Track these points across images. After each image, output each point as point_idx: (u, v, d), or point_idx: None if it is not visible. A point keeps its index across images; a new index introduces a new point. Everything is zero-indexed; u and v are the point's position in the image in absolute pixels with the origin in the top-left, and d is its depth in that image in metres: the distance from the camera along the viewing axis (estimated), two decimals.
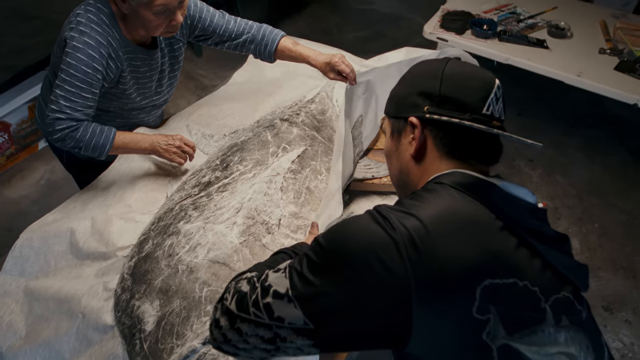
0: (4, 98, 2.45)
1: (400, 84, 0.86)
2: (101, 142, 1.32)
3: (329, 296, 0.64)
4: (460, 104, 0.76)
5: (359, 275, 0.63)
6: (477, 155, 0.78)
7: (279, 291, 0.67)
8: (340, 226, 0.68)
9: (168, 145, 1.40)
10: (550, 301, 0.68)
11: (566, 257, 0.75)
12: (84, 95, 1.28)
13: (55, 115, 1.27)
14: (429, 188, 0.74)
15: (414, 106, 0.79)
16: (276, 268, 0.72)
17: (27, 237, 1.31)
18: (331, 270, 0.65)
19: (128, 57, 1.35)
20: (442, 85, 0.77)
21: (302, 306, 0.65)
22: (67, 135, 1.28)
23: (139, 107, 1.52)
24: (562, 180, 2.71)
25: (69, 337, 1.13)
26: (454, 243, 0.64)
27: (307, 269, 0.67)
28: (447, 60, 0.81)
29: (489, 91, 0.77)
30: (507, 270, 0.66)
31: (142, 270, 1.12)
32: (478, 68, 0.81)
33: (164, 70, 1.49)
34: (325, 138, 1.53)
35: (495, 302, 0.64)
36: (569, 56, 2.24)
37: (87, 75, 1.26)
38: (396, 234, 0.63)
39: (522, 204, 0.74)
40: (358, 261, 0.63)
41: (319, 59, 1.48)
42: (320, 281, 0.65)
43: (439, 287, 0.62)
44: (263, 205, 1.23)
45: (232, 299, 0.72)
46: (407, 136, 0.81)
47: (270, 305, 0.67)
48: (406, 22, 3.96)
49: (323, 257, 0.66)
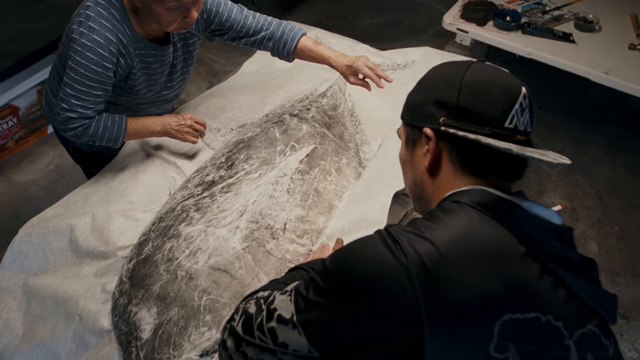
0: (13, 81, 2.42)
1: (417, 89, 0.79)
2: (114, 133, 1.32)
3: (334, 324, 0.60)
4: (480, 117, 0.68)
5: (366, 304, 0.58)
6: (497, 172, 0.71)
7: (284, 316, 0.64)
8: (348, 249, 0.63)
9: (180, 126, 1.39)
10: (574, 337, 0.62)
11: (593, 285, 0.68)
12: (95, 93, 1.26)
13: (68, 115, 1.26)
14: (446, 207, 0.67)
15: (429, 116, 0.72)
16: (283, 290, 0.68)
17: (26, 232, 1.28)
18: (338, 297, 0.61)
19: (139, 53, 1.30)
20: (460, 95, 0.69)
21: (306, 333, 0.62)
22: (82, 132, 1.29)
23: (148, 101, 1.47)
24: (582, 179, 2.61)
25: (66, 339, 1.10)
26: (471, 271, 0.59)
27: (312, 293, 0.63)
28: (468, 65, 0.73)
29: (513, 102, 0.69)
30: (530, 303, 0.60)
31: (141, 274, 1.08)
32: (503, 74, 0.73)
33: (175, 65, 1.43)
34: (336, 136, 1.46)
35: (515, 339, 0.58)
36: (596, 52, 2.12)
37: (98, 74, 1.23)
38: (407, 260, 0.58)
39: (547, 226, 0.68)
40: (365, 288, 0.59)
41: (340, 61, 1.40)
42: (325, 307, 0.61)
43: (453, 319, 0.57)
44: (268, 208, 1.18)
45: (240, 320, 0.70)
46: (421, 147, 0.75)
47: (275, 329, 0.64)
48: (425, 9, 3.83)
49: (329, 282, 0.62)
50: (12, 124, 2.56)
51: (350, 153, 1.45)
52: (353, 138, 1.53)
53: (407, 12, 3.80)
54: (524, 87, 0.71)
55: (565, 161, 0.66)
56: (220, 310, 1.01)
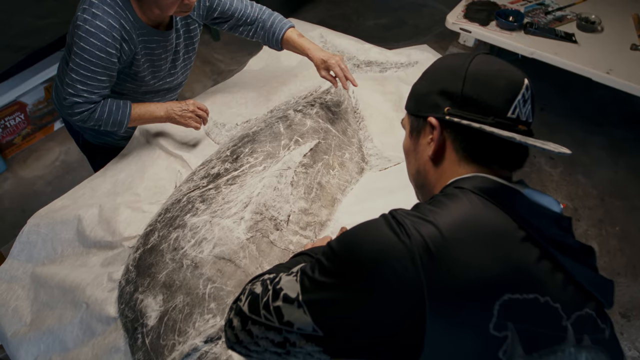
0: (21, 78, 2.45)
1: (421, 80, 0.81)
2: (119, 118, 1.36)
3: (339, 303, 0.62)
4: (483, 106, 0.70)
5: (370, 283, 0.60)
6: (500, 160, 0.73)
7: (289, 295, 0.65)
8: (354, 231, 0.65)
9: (183, 111, 1.42)
10: (572, 319, 0.64)
11: (590, 271, 0.70)
12: (100, 79, 1.30)
13: (74, 100, 1.30)
14: (448, 193, 0.69)
15: (433, 106, 0.74)
16: (289, 271, 0.70)
17: (35, 222, 1.30)
18: (342, 277, 0.62)
19: (142, 39, 1.34)
20: (465, 85, 0.71)
21: (311, 312, 0.63)
22: (87, 117, 1.33)
23: (153, 89, 1.50)
24: (583, 180, 2.62)
25: (73, 327, 1.12)
26: (473, 253, 0.60)
27: (318, 273, 0.64)
28: (473, 56, 0.75)
29: (516, 93, 0.71)
30: (529, 285, 0.62)
31: (147, 263, 1.10)
32: (507, 65, 0.75)
33: (178, 51, 1.47)
34: (339, 131, 1.48)
35: (514, 318, 0.60)
36: (598, 52, 2.13)
37: (102, 59, 1.27)
38: (410, 242, 0.60)
39: (547, 213, 0.70)
40: (369, 269, 0.60)
41: (317, 54, 1.49)
42: (330, 287, 0.63)
43: (454, 299, 0.58)
44: (272, 200, 1.20)
45: (246, 300, 0.71)
46: (425, 136, 0.76)
47: (280, 308, 0.66)
48: (428, 10, 3.85)
49: (334, 263, 0.64)
50: (19, 120, 2.59)
51: (353, 148, 1.47)
52: (356, 134, 1.55)
53: (411, 13, 3.82)
54: (527, 79, 0.73)
55: (565, 150, 0.68)
56: (225, 298, 1.03)
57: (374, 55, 1.89)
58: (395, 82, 1.77)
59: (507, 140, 0.69)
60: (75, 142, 1.71)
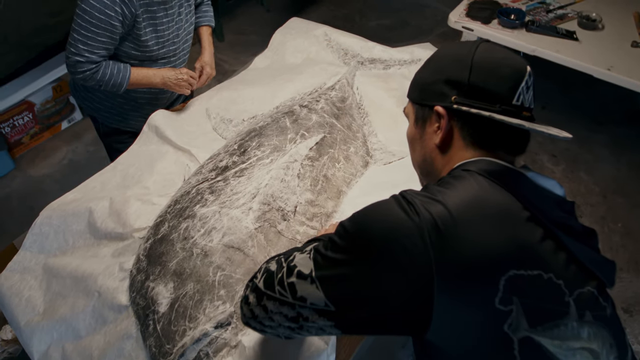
0: (29, 78, 2.49)
1: (425, 69, 0.82)
2: (119, 80, 1.49)
3: (350, 279, 0.64)
4: (490, 94, 0.73)
5: (380, 259, 0.62)
6: (504, 145, 0.75)
7: (303, 272, 0.68)
8: (365, 211, 0.68)
9: (178, 80, 1.59)
10: (574, 295, 0.66)
11: (592, 251, 0.72)
12: (100, 39, 1.40)
13: (75, 59, 1.42)
14: (456, 175, 0.72)
15: (440, 95, 0.76)
16: (303, 249, 0.72)
17: (47, 215, 1.33)
18: (353, 253, 0.65)
19: (144, 2, 1.42)
20: (472, 74, 0.73)
21: (323, 287, 0.65)
22: (89, 76, 1.45)
23: (158, 57, 1.57)
24: (585, 177, 2.64)
25: (85, 315, 1.14)
26: (480, 231, 0.63)
27: (330, 251, 0.67)
28: (477, 45, 0.77)
29: (520, 80, 0.74)
30: (533, 262, 0.64)
31: (158, 252, 1.13)
32: (509, 54, 0.77)
33: (180, 13, 1.56)
34: (344, 126, 1.51)
35: (519, 293, 0.62)
36: (599, 49, 2.16)
37: (101, 21, 1.37)
38: (420, 220, 0.62)
39: (550, 196, 0.72)
40: (380, 245, 0.63)
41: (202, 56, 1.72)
42: (342, 263, 0.65)
43: (461, 275, 0.61)
44: (279, 191, 1.22)
45: (262, 277, 0.74)
46: (432, 124, 0.78)
47: (294, 284, 0.68)
48: (431, 10, 3.88)
49: (346, 240, 0.66)
50: (27, 119, 2.63)
51: (358, 143, 1.50)
52: (361, 129, 1.58)
53: (413, 13, 3.85)
54: (528, 66, 0.75)
55: (567, 135, 0.71)
56: (234, 285, 1.05)
57: (377, 53, 1.92)
58: (398, 78, 1.80)
59: (512, 127, 0.72)
60: (96, 131, 1.85)
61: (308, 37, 2.00)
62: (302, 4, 3.93)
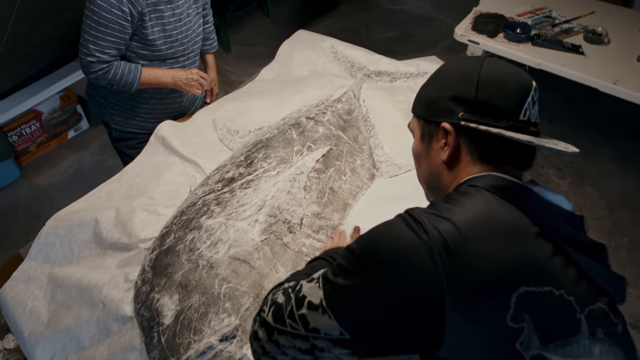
0: (37, 87, 2.51)
1: (430, 85, 0.82)
2: (130, 80, 1.53)
3: (363, 304, 0.63)
4: (497, 110, 0.72)
5: (391, 280, 0.62)
6: (511, 161, 0.75)
7: (313, 302, 0.66)
8: (372, 232, 0.67)
9: (188, 80, 1.61)
10: (585, 312, 0.65)
11: (602, 267, 0.72)
12: (110, 39, 1.44)
13: (88, 59, 1.46)
14: (463, 191, 0.71)
15: (447, 111, 0.75)
16: (310, 278, 0.71)
17: (53, 224, 1.33)
18: (363, 277, 0.64)
19: (150, 2, 1.44)
20: (479, 90, 0.73)
21: (336, 316, 0.64)
22: (101, 76, 1.50)
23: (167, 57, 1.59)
24: (591, 191, 2.62)
25: (89, 326, 1.14)
26: (489, 248, 0.62)
27: (340, 277, 0.66)
28: (482, 60, 0.77)
29: (526, 95, 0.73)
30: (543, 278, 0.64)
31: (163, 263, 1.12)
32: (515, 69, 0.77)
33: (189, 14, 1.58)
34: (350, 138, 1.51)
35: (530, 310, 0.61)
36: (605, 63, 2.16)
37: (109, 20, 1.40)
38: (429, 239, 0.61)
39: (558, 211, 0.72)
40: (390, 267, 0.62)
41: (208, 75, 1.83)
42: (353, 289, 0.64)
43: (472, 293, 0.60)
44: (286, 203, 1.22)
45: (269, 310, 0.72)
46: (438, 141, 0.78)
47: (306, 316, 0.66)
48: (437, 23, 3.90)
49: (355, 263, 0.65)
50: (34, 128, 2.64)
51: (364, 155, 1.50)
52: (367, 141, 1.58)
53: (418, 26, 3.88)
54: (534, 81, 0.75)
55: (574, 149, 0.71)
56: (239, 298, 1.05)
57: (383, 66, 1.93)
58: (404, 91, 1.80)
59: (518, 142, 0.71)
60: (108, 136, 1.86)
61: (315, 50, 2.01)
62: (308, 16, 3.96)
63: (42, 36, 1.82)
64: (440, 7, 4.09)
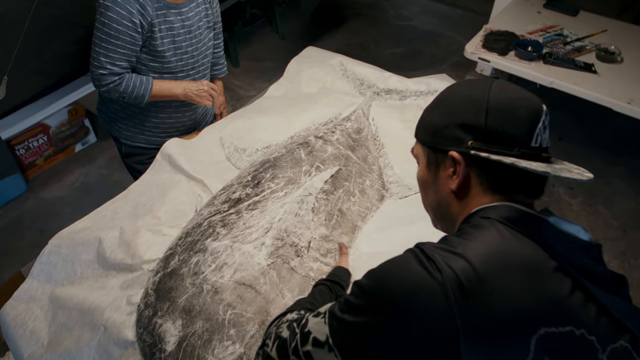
0: (46, 101, 2.52)
1: (435, 111, 0.77)
2: (141, 92, 1.53)
3: (371, 344, 0.60)
4: (508, 138, 0.69)
5: (402, 322, 0.59)
6: (523, 189, 0.72)
7: (319, 339, 0.64)
8: (382, 269, 0.64)
9: (199, 90, 1.61)
10: (607, 352, 0.62)
11: (623, 301, 0.68)
12: (120, 51, 1.44)
13: (99, 72, 1.47)
14: (475, 224, 0.68)
15: (455, 139, 0.71)
16: (316, 312, 0.69)
17: (56, 243, 1.31)
18: (373, 316, 0.61)
19: (161, 13, 1.45)
20: (488, 118, 0.69)
21: (343, 355, 0.62)
22: (113, 89, 1.50)
23: (176, 69, 1.59)
24: (604, 210, 2.58)
25: (90, 349, 1.11)
26: (506, 286, 0.59)
27: (347, 314, 0.63)
28: (490, 85, 0.72)
29: (537, 120, 0.70)
30: (564, 317, 0.60)
31: (167, 287, 1.09)
32: (524, 93, 0.73)
33: (200, 26, 1.58)
34: (360, 158, 1.48)
35: (551, 353, 0.58)
36: (618, 82, 2.13)
37: (120, 32, 1.40)
38: (442, 277, 0.58)
39: (575, 242, 0.69)
40: (401, 306, 0.59)
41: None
42: (361, 327, 0.61)
43: (489, 334, 0.57)
44: (293, 226, 1.19)
45: (273, 345, 0.70)
46: (446, 169, 0.74)
47: (311, 353, 0.64)
48: (445, 40, 3.89)
49: (363, 300, 0.62)
50: (42, 141, 2.64)
51: (373, 175, 1.47)
52: (376, 161, 1.55)
53: (427, 43, 3.87)
54: (544, 105, 0.72)
55: (589, 175, 0.68)
56: (245, 324, 1.01)
57: (393, 84, 1.91)
58: (414, 110, 1.78)
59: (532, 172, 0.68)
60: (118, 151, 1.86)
61: (324, 67, 2.00)
62: (316, 32, 3.97)
63: (52, 53, 1.82)
64: (449, 24, 4.09)
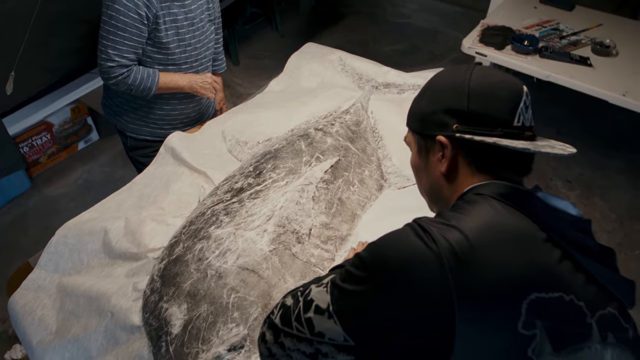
0: (49, 99, 2.54)
1: (422, 99, 0.82)
2: (148, 85, 1.57)
3: (369, 311, 0.63)
4: (490, 119, 0.72)
5: (399, 290, 0.61)
6: (511, 168, 0.75)
7: (320, 306, 0.67)
8: (381, 241, 0.67)
9: (203, 82, 1.66)
10: (596, 317, 0.65)
11: (611, 271, 0.71)
12: (128, 43, 1.48)
13: (107, 64, 1.50)
14: (469, 199, 0.71)
15: (441, 124, 0.76)
16: (319, 282, 0.71)
17: (63, 233, 1.34)
18: (371, 284, 0.64)
19: (165, 5, 1.48)
20: (470, 101, 0.73)
21: (342, 322, 0.64)
22: (121, 81, 1.54)
23: (180, 61, 1.62)
24: (601, 203, 2.60)
25: (97, 335, 1.14)
26: (499, 255, 0.62)
27: (347, 283, 0.66)
28: (471, 70, 0.76)
29: (518, 101, 0.73)
30: (553, 284, 0.63)
31: (172, 273, 1.12)
32: (505, 76, 0.77)
33: (202, 19, 1.62)
34: (359, 149, 1.52)
35: (542, 317, 0.61)
36: (613, 75, 2.16)
37: (127, 24, 1.44)
38: (438, 248, 0.61)
39: (564, 216, 0.72)
40: (399, 276, 0.62)
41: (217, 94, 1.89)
42: (360, 295, 0.64)
43: (483, 301, 0.60)
44: (294, 214, 1.22)
45: (278, 313, 0.73)
46: (435, 154, 0.78)
47: (312, 320, 0.67)
48: (443, 36, 3.93)
49: (363, 271, 0.65)
50: (45, 139, 2.67)
51: (372, 166, 1.50)
52: (375, 152, 1.58)
53: (425, 39, 3.90)
54: (524, 86, 0.75)
55: (572, 150, 0.71)
56: (248, 307, 1.05)
57: (392, 78, 1.94)
58: None
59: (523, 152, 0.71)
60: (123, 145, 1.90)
61: (323, 62, 2.03)
62: (316, 30, 4.00)
63: (58, 48, 1.85)
64: (446, 21, 4.12)
